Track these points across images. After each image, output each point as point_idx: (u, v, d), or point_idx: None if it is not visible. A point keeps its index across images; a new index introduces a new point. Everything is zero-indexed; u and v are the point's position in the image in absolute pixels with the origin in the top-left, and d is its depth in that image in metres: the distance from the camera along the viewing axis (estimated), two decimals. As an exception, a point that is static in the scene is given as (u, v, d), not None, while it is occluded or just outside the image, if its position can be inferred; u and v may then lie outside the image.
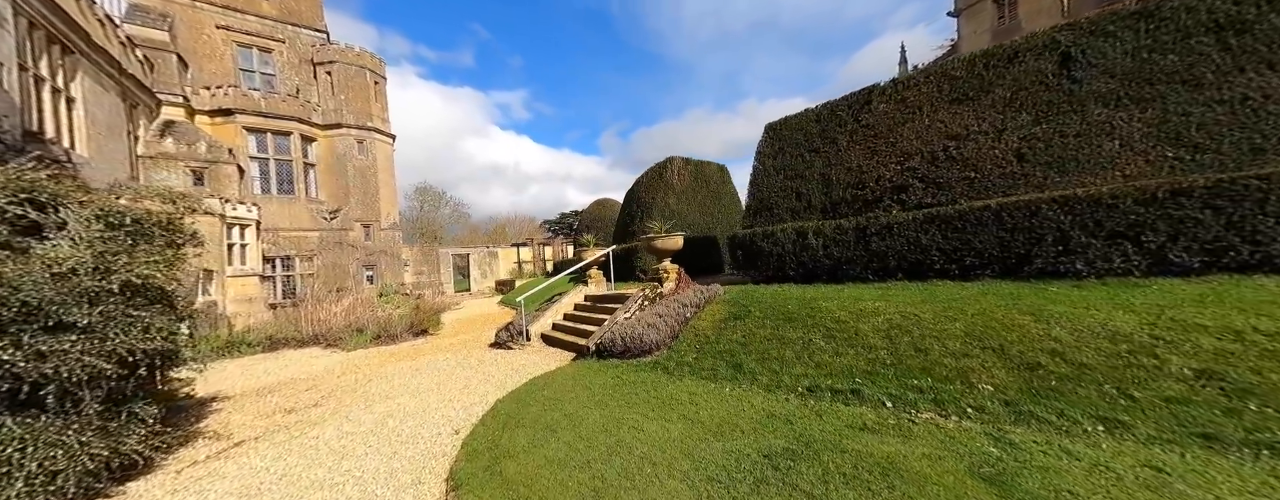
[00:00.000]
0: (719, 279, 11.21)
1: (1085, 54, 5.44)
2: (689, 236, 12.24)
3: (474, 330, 11.16)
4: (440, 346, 9.17)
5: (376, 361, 7.91)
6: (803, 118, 8.80)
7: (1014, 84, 5.91)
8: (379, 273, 18.83)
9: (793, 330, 5.01)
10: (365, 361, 7.98)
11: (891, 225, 6.05)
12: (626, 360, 5.83)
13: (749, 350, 4.98)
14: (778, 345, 4.86)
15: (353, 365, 7.67)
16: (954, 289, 5.06)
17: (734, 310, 6.08)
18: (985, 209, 5.17)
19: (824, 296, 5.67)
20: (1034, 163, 5.31)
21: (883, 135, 7.11)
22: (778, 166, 8.74)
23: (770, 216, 8.40)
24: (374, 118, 20.60)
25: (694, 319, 6.34)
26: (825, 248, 6.85)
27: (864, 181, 7.00)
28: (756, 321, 5.52)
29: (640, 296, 7.12)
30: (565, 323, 8.54)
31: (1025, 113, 5.66)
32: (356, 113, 20.10)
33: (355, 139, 20.01)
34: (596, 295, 9.20)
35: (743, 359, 4.86)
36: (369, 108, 20.42)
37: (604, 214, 23.23)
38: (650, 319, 6.33)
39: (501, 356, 7.47)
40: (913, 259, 5.82)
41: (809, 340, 4.70)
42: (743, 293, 6.98)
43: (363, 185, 19.77)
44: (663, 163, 12.72)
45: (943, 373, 3.58)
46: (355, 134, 19.96)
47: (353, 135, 19.91)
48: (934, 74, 6.89)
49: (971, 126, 6.05)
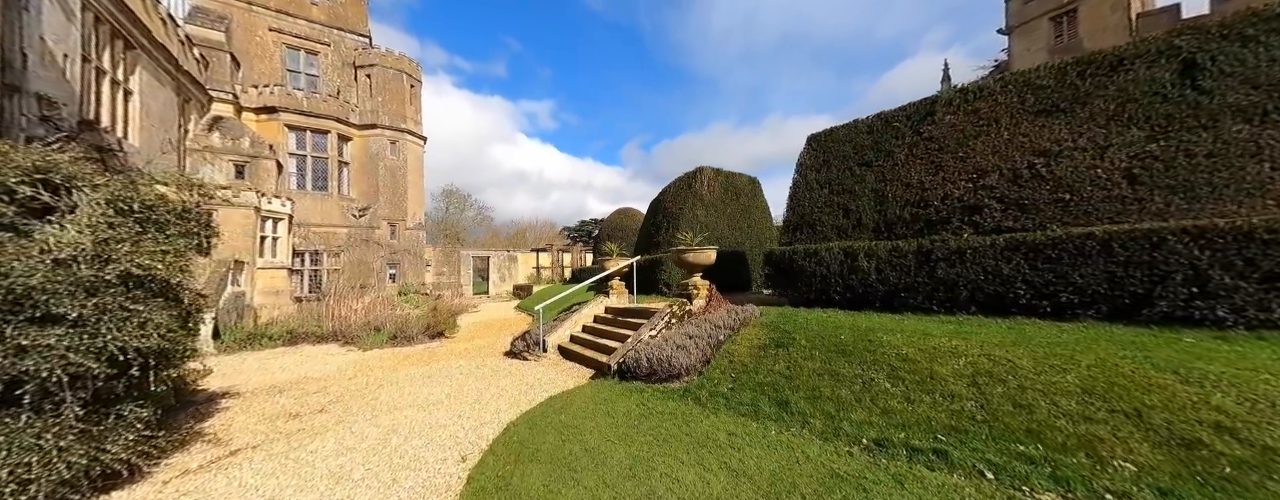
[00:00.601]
0: (749, 298, 10.54)
1: (1216, 61, 4.66)
2: (719, 251, 11.64)
3: (490, 335, 10.83)
4: (455, 351, 8.84)
5: (390, 364, 7.63)
6: (851, 129, 8.17)
7: (1120, 95, 5.14)
8: (402, 271, 18.98)
9: (848, 365, 4.34)
10: (379, 363, 7.71)
11: (963, 250, 5.31)
12: (652, 384, 5.27)
13: (796, 385, 4.33)
14: (831, 382, 4.20)
15: (366, 366, 7.40)
16: (1049, 331, 4.29)
17: (775, 336, 5.44)
18: (1089, 237, 4.40)
19: (882, 327, 4.97)
20: (1151, 185, 4.52)
21: (950, 149, 6.41)
22: (821, 180, 8.10)
23: (813, 234, 7.74)
24: (407, 120, 21.11)
25: (728, 343, 5.73)
26: (878, 271, 6.14)
27: (927, 200, 6.28)
28: (802, 351, 4.87)
29: (667, 313, 6.57)
30: (584, 336, 8.06)
31: (1136, 128, 4.89)
32: (391, 114, 20.64)
33: (388, 139, 20.51)
34: (618, 308, 8.69)
35: (789, 395, 4.22)
36: (403, 110, 20.95)
37: (626, 223, 22.85)
38: (679, 340, 5.76)
39: (516, 368, 7.03)
40: (990, 291, 5.06)
41: (870, 380, 4.03)
42: (782, 316, 6.33)
43: (392, 185, 20.15)
44: (692, 173, 12.23)
45: (1058, 439, 2.86)
46: (389, 134, 20.46)
47: (386, 136, 20.42)
48: (1013, 83, 6.18)
49: (1065, 142, 5.30)
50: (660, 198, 13.42)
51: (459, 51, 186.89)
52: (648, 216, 14.29)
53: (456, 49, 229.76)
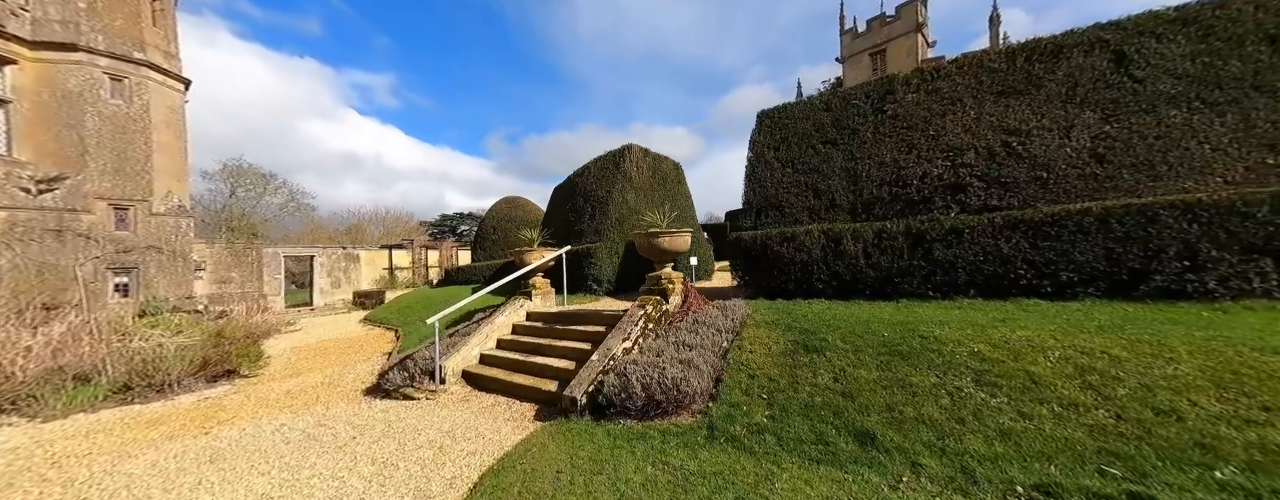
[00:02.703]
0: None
1: (1141, 53, 5.37)
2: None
3: (328, 365, 7.63)
4: (266, 399, 5.75)
5: (112, 444, 4.31)
6: (807, 106, 7.89)
7: (1068, 80, 5.65)
8: (144, 279, 12.44)
9: (916, 372, 3.63)
10: (85, 446, 4.30)
11: (960, 230, 5.22)
12: (651, 421, 3.79)
13: (863, 406, 3.43)
14: (906, 397, 3.42)
15: (53, 459, 3.98)
16: (1077, 313, 4.28)
17: (796, 338, 4.52)
18: (1086, 213, 4.58)
19: (921, 319, 4.44)
20: (1118, 164, 4.98)
21: (918, 127, 6.45)
22: (783, 159, 7.62)
23: (781, 216, 7.18)
24: (148, 47, 14.14)
25: (734, 350, 4.60)
26: (867, 256, 5.80)
27: (905, 178, 6.20)
28: (845, 356, 4.03)
29: (640, 316, 5.12)
30: (503, 354, 6.00)
31: (1089, 110, 5.39)
32: (112, 33, 13.54)
33: (106, 73, 13.37)
34: (549, 313, 6.80)
35: (862, 421, 3.28)
36: (138, 30, 13.93)
37: (516, 214, 20.06)
38: (674, 351, 4.39)
39: (399, 416, 4.68)
40: (989, 272, 5.04)
41: (956, 390, 3.36)
42: (779, 311, 5.49)
43: (118, 145, 13.12)
44: (618, 151, 10.77)
45: (1246, 455, 2.49)
46: (107, 65, 13.31)
47: (101, 67, 13.26)
48: (967, 65, 6.48)
49: (1031, 121, 5.63)
50: (576, 180, 11.57)
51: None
52: (561, 202, 12.27)
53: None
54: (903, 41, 32.27)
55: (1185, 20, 5.30)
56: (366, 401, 5.52)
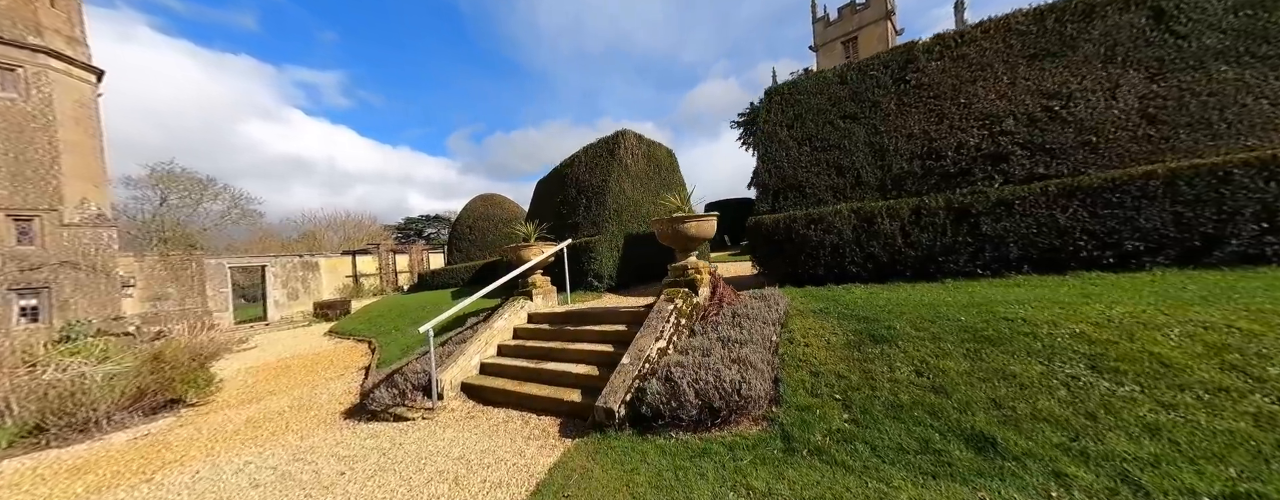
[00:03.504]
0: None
1: (1181, 8, 5.15)
2: (646, 233, 9.88)
3: (295, 385, 6.69)
4: (222, 431, 4.85)
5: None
6: (819, 81, 7.43)
7: (1105, 39, 5.38)
8: (56, 301, 10.81)
9: (1014, 360, 3.18)
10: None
11: (1009, 202, 4.86)
12: (708, 434, 3.21)
13: (964, 403, 2.95)
14: (1013, 390, 2.96)
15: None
16: (1161, 283, 3.95)
17: (856, 327, 4.02)
18: (1151, 177, 4.28)
19: (991, 299, 4.00)
20: (1173, 124, 4.71)
21: (947, 96, 6.08)
22: (799, 136, 7.14)
23: (802, 197, 6.71)
24: (46, 31, 12.35)
25: (785, 344, 4.07)
26: (905, 234, 5.39)
27: (938, 150, 5.82)
28: (920, 345, 3.56)
29: (671, 312, 4.51)
30: (507, 362, 5.27)
31: (1133, 70, 5.12)
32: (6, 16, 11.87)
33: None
34: (555, 313, 6.09)
35: (970, 421, 2.79)
36: (32, 11, 12.12)
37: (494, 212, 19.01)
38: (718, 349, 3.81)
39: (391, 441, 3.93)
40: (1044, 245, 4.70)
41: (1072, 379, 2.92)
42: (821, 299, 5.01)
43: (13, 146, 11.36)
44: (612, 137, 10.03)
45: None
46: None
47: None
48: (993, 29, 6.14)
49: (1071, 84, 5.34)
50: (566, 171, 10.76)
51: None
52: (548, 195, 11.43)
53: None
54: (873, 29, 32.68)
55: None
56: (350, 426, 4.71)
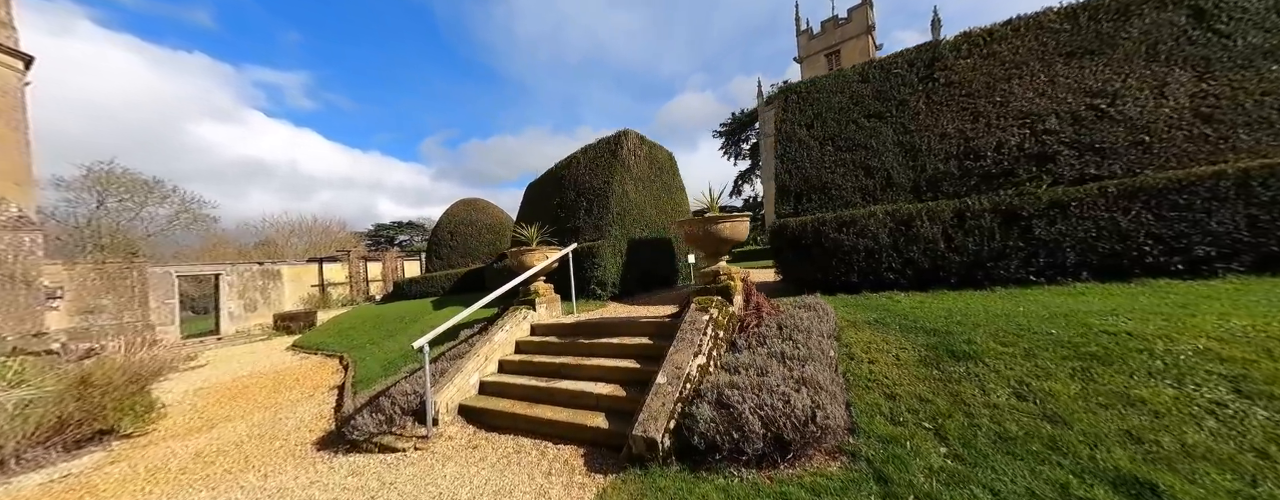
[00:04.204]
0: (677, 292, 8.68)
1: (1220, 7, 5.01)
2: (648, 238, 9.34)
3: (254, 409, 5.81)
4: (164, 469, 4.01)
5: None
6: (838, 79, 7.13)
7: (1146, 37, 5.19)
8: None
9: (1135, 382, 2.73)
10: None
11: (1063, 204, 4.53)
12: (777, 471, 2.64)
13: (1090, 435, 2.46)
14: (1147, 419, 2.47)
15: None
16: (1244, 292, 3.62)
17: (926, 341, 3.54)
18: (1221, 177, 4.00)
19: (1073, 309, 3.57)
20: (1229, 123, 4.49)
21: (981, 94, 5.81)
22: (818, 136, 6.77)
23: (827, 199, 6.30)
24: None
25: (845, 360, 3.56)
26: (948, 238, 5.01)
27: (976, 150, 5.51)
28: (1011, 362, 3.10)
29: (707, 323, 3.94)
30: (513, 380, 4.59)
31: (1179, 68, 4.93)
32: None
33: None
34: (561, 325, 5.43)
35: (1108, 460, 2.27)
36: None
37: (477, 217, 18.18)
38: (776, 366, 3.27)
39: (380, 478, 3.21)
40: (1105, 249, 4.38)
41: (1217, 405, 2.46)
42: (868, 308, 4.54)
43: None
44: (614, 137, 9.49)
45: None
46: None
47: None
48: (1023, 27, 5.94)
49: (1114, 82, 5.11)
50: (563, 173, 10.13)
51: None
52: (543, 197, 10.74)
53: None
54: (855, 43, 33.47)
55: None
56: (325, 459, 3.95)
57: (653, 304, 7.36)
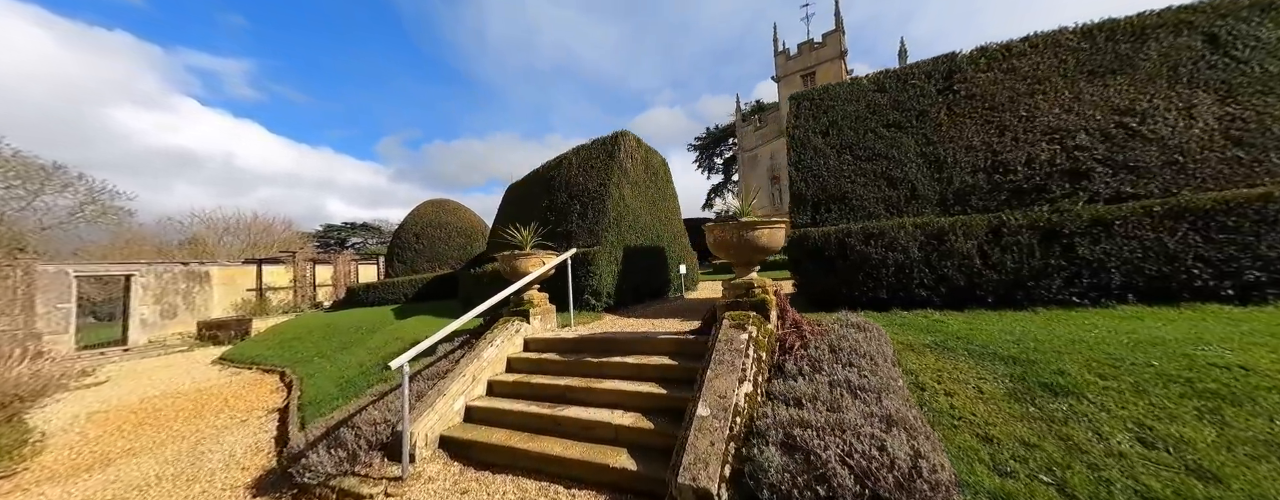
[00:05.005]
0: (667, 304, 8.15)
1: (1233, 35, 5.04)
2: (643, 246, 8.67)
3: (167, 439, 4.67)
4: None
5: None
6: (854, 88, 6.85)
7: (1165, 60, 5.16)
8: None
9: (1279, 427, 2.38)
10: None
11: (1107, 222, 4.30)
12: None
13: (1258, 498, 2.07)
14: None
15: None
16: None
17: (1009, 371, 3.08)
18: (1269, 199, 3.86)
19: (1158, 337, 3.22)
20: (1260, 147, 4.40)
21: (1004, 107, 5.63)
22: (835, 144, 6.42)
23: (848, 209, 5.90)
24: None
25: (916, 392, 3.04)
26: (984, 254, 4.69)
27: (1006, 163, 5.27)
28: (1120, 399, 2.67)
29: (747, 343, 3.34)
30: (506, 405, 3.79)
31: (1201, 91, 4.88)
32: None
33: None
34: (561, 340, 4.67)
35: None
36: None
37: (447, 220, 16.98)
38: (849, 403, 2.69)
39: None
40: (1151, 271, 4.15)
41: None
42: (917, 329, 4.09)
43: None
44: (611, 138, 8.81)
45: None
46: None
47: None
48: (1042, 43, 5.86)
49: (1142, 103, 5.02)
50: (552, 173, 9.33)
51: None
52: (530, 199, 9.88)
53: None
54: (829, 66, 34.68)
55: (1262, 7, 5.09)
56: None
57: (654, 317, 6.70)
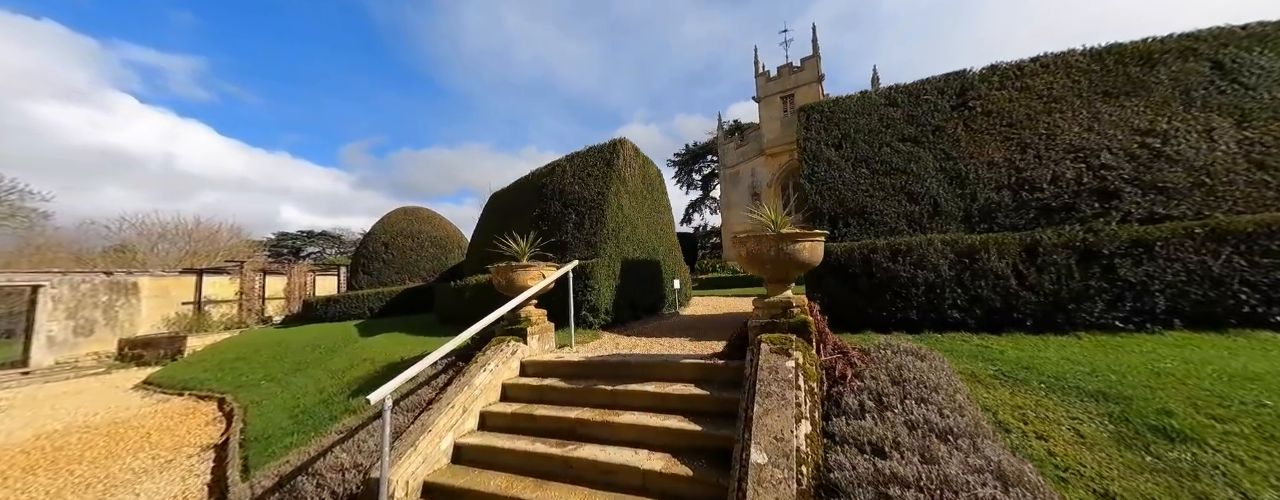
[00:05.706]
0: (666, 321, 7.60)
1: (1237, 63, 5.10)
2: (641, 259, 8.09)
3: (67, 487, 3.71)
4: None
5: None
6: (865, 102, 6.66)
7: (1176, 83, 5.15)
8: None
9: None
10: None
11: (1148, 243, 4.10)
12: None
13: None
14: None
15: None
16: None
17: (1099, 409, 2.69)
18: (1312, 223, 3.75)
19: (1249, 371, 2.93)
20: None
21: (1024, 125, 5.49)
22: (849, 157, 6.15)
23: (868, 225, 5.57)
24: None
25: (1002, 434, 2.60)
26: (1020, 275, 4.40)
27: (1031, 181, 5.08)
28: (1245, 447, 2.29)
29: (794, 371, 2.83)
30: (503, 443, 3.12)
31: (1216, 114, 4.86)
32: None
33: None
34: (564, 363, 4.03)
35: None
36: None
37: (420, 229, 15.95)
38: (945, 452, 2.20)
39: None
40: (1197, 296, 3.94)
41: None
42: (975, 357, 3.70)
43: None
44: (608, 145, 8.31)
45: None
46: None
47: None
48: (1052, 63, 5.83)
49: (1161, 124, 4.95)
50: (545, 181, 8.72)
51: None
52: (520, 208, 9.19)
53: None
54: (808, 89, 35.63)
55: (1259, 38, 5.20)
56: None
57: (656, 336, 6.14)
